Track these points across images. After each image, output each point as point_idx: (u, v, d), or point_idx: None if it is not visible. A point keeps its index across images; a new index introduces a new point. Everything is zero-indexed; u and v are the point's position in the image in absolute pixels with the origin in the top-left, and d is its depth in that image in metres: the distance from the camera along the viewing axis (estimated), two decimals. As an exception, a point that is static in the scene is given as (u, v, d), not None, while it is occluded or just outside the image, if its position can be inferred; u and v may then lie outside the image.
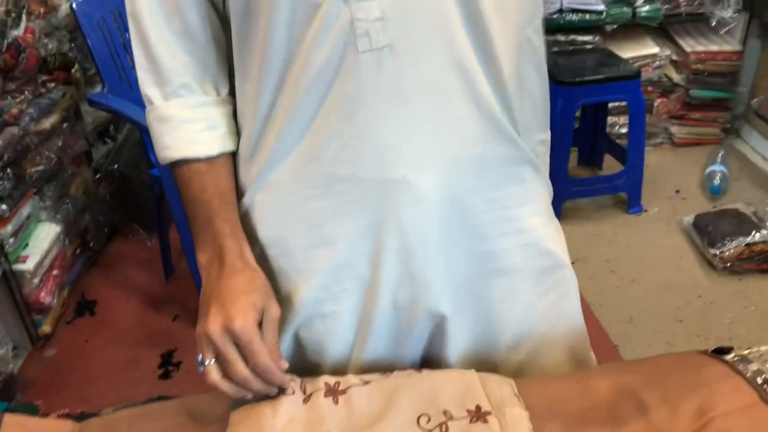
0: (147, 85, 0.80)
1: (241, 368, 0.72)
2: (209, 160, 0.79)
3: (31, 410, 1.75)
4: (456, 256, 0.82)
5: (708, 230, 2.31)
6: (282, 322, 0.85)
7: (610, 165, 2.78)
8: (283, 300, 0.84)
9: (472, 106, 0.75)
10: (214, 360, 0.73)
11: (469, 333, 0.86)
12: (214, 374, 0.73)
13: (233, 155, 0.82)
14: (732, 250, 2.22)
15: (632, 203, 2.59)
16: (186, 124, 0.79)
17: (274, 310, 0.76)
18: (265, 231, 0.82)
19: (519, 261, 0.84)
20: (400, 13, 0.69)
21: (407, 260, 0.80)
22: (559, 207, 2.51)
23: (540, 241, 0.85)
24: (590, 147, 2.84)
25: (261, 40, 0.72)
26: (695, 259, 2.34)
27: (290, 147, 0.77)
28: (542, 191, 0.86)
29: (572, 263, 0.90)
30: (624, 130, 2.88)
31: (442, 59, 0.71)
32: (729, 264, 2.23)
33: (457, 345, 0.86)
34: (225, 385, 0.73)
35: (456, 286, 0.83)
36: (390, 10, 0.68)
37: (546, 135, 0.88)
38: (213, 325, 0.72)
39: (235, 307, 0.73)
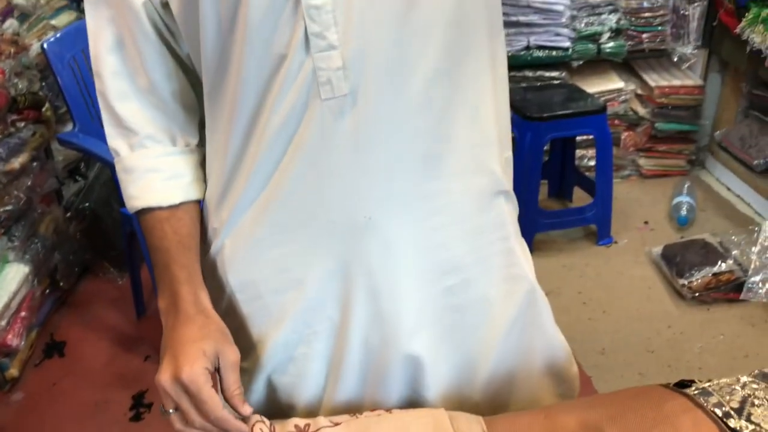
0: (113, 138, 0.81)
1: (195, 418, 0.73)
2: (171, 207, 0.80)
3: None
4: (427, 293, 0.82)
5: (676, 261, 2.35)
6: (254, 368, 0.85)
7: (580, 197, 2.83)
8: (255, 345, 0.84)
9: (437, 143, 0.76)
10: (174, 409, 0.73)
11: (447, 368, 0.87)
12: (178, 423, 0.74)
13: (198, 203, 0.83)
14: (700, 280, 2.26)
15: (602, 235, 2.63)
16: (150, 174, 0.80)
17: (231, 355, 0.76)
18: (234, 276, 0.83)
19: (492, 287, 0.85)
20: (361, 62, 0.70)
21: (377, 301, 0.80)
22: (530, 239, 2.54)
23: (510, 265, 0.86)
24: (560, 179, 2.89)
25: (231, 91, 0.74)
26: (664, 290, 2.37)
27: (257, 192, 0.78)
28: (512, 215, 0.88)
29: (545, 295, 0.92)
30: (592, 163, 2.93)
31: (406, 104, 0.73)
32: (697, 294, 2.27)
33: (436, 383, 0.86)
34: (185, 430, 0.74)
35: (430, 323, 0.83)
36: (351, 59, 0.70)
37: (510, 153, 0.88)
38: (164, 375, 0.73)
39: (184, 356, 0.73)
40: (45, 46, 1.93)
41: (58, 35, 2.03)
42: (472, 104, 0.77)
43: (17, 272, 2.05)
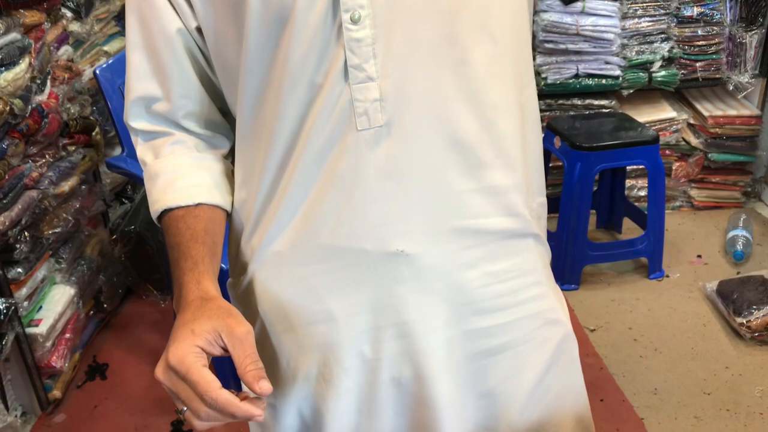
0: (141, 148, 0.84)
1: (198, 407, 0.65)
2: (188, 207, 0.79)
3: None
4: (456, 332, 0.80)
5: (733, 298, 2.25)
6: (282, 403, 0.84)
7: (629, 228, 2.75)
8: (283, 378, 0.84)
9: (469, 182, 0.75)
10: (185, 407, 0.67)
11: (471, 414, 0.84)
12: (194, 420, 0.67)
13: (220, 209, 0.82)
14: (759, 319, 2.16)
15: (653, 268, 2.54)
16: (173, 177, 0.80)
17: (237, 327, 0.68)
18: (265, 307, 0.82)
19: (522, 334, 0.83)
20: (398, 94, 0.71)
21: (407, 336, 0.79)
22: (579, 272, 2.47)
23: (543, 312, 0.84)
24: (609, 210, 2.81)
25: (268, 120, 0.74)
26: (720, 328, 2.27)
27: (288, 221, 0.77)
28: (543, 259, 0.85)
29: (593, 330, 0.89)
30: (643, 193, 2.85)
31: (439, 137, 0.73)
32: (757, 333, 2.16)
33: (457, 425, 0.83)
34: (203, 427, 0.67)
35: (455, 366, 0.82)
36: (388, 91, 0.70)
37: (543, 198, 0.87)
38: (158, 368, 0.67)
39: (172, 341, 0.67)
40: (97, 72, 1.96)
41: (109, 62, 2.07)
42: (500, 147, 0.76)
43: (63, 294, 2.07)
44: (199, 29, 0.77)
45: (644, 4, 2.67)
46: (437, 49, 0.70)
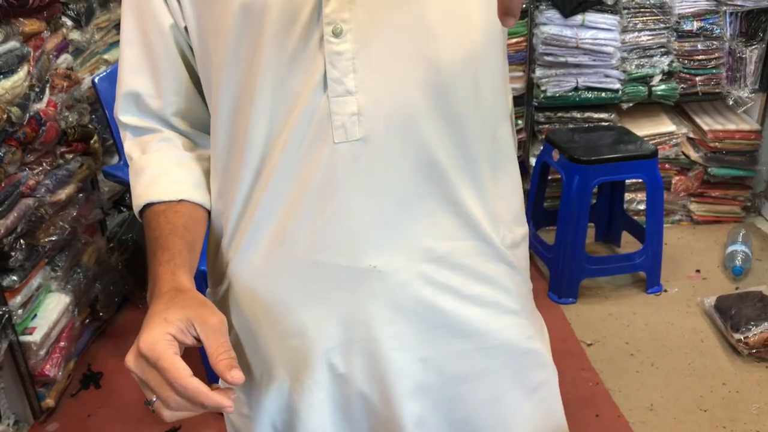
0: (128, 143, 0.84)
1: (168, 395, 0.63)
2: (170, 202, 0.79)
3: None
4: (432, 353, 0.81)
5: (731, 313, 2.24)
6: (256, 414, 0.85)
7: (628, 242, 2.74)
8: (256, 390, 0.84)
9: (442, 203, 0.76)
10: (154, 396, 0.65)
11: None
12: (163, 411, 0.65)
13: (202, 208, 0.82)
14: (757, 336, 2.14)
15: (651, 283, 2.53)
16: (157, 173, 0.80)
17: (211, 318, 0.67)
18: (240, 318, 0.82)
19: (499, 362, 0.83)
20: (376, 110, 0.71)
21: (375, 355, 0.79)
22: (576, 285, 2.46)
23: (520, 341, 0.84)
24: (607, 224, 2.80)
25: (244, 134, 0.74)
26: (718, 344, 2.26)
27: (263, 232, 0.77)
28: (519, 288, 0.85)
29: (589, 344, 0.89)
30: (641, 207, 2.85)
31: (415, 156, 0.73)
32: (755, 350, 2.15)
33: None
34: (173, 417, 0.66)
35: (429, 387, 0.82)
36: (367, 106, 0.70)
37: (524, 229, 0.88)
38: (128, 356, 0.66)
39: (143, 330, 0.66)
40: (96, 80, 1.97)
41: (108, 70, 2.08)
42: (471, 174, 0.77)
43: (59, 302, 2.07)
44: (187, 30, 0.77)
45: (644, 18, 2.67)
46: (416, 70, 0.71)
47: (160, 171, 0.80)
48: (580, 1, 2.58)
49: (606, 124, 2.79)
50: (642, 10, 2.67)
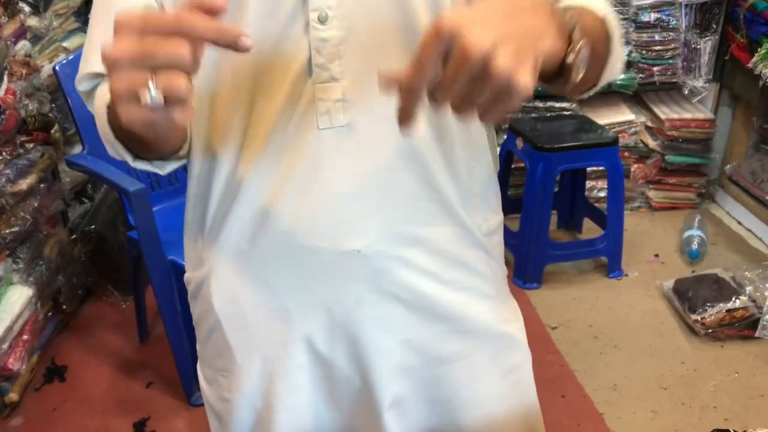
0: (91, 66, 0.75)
1: (178, 50, 0.50)
2: None
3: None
4: (414, 335, 0.82)
5: (688, 296, 2.32)
6: (238, 398, 0.85)
7: (589, 228, 2.80)
8: (239, 374, 0.84)
9: (425, 189, 0.77)
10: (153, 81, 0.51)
11: (424, 418, 0.86)
12: (175, 79, 0.50)
13: None
14: (713, 316, 2.23)
15: (612, 267, 2.60)
16: None
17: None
18: (221, 302, 0.82)
19: (474, 345, 0.85)
20: (361, 96, 0.72)
21: (360, 337, 0.80)
22: (540, 271, 2.51)
23: (495, 324, 0.86)
24: (569, 210, 2.86)
25: (223, 114, 0.74)
26: (677, 325, 2.33)
27: (247, 216, 0.77)
28: (495, 274, 0.88)
29: (554, 328, 0.92)
30: (602, 194, 2.91)
31: (398, 143, 0.74)
32: (711, 330, 2.23)
33: (409, 426, 0.86)
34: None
35: (410, 369, 0.84)
36: (351, 92, 0.71)
37: (500, 217, 0.90)
38: (110, 46, 0.50)
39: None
40: (57, 68, 1.92)
41: (70, 57, 2.03)
42: (450, 161, 0.78)
43: (21, 295, 2.02)
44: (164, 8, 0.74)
45: (604, 9, 2.73)
46: (401, 58, 0.71)
47: None
48: (542, -8, 2.62)
49: (568, 113, 2.84)
50: (602, 1, 2.73)
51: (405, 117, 0.53)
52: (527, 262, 2.50)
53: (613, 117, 2.90)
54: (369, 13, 0.70)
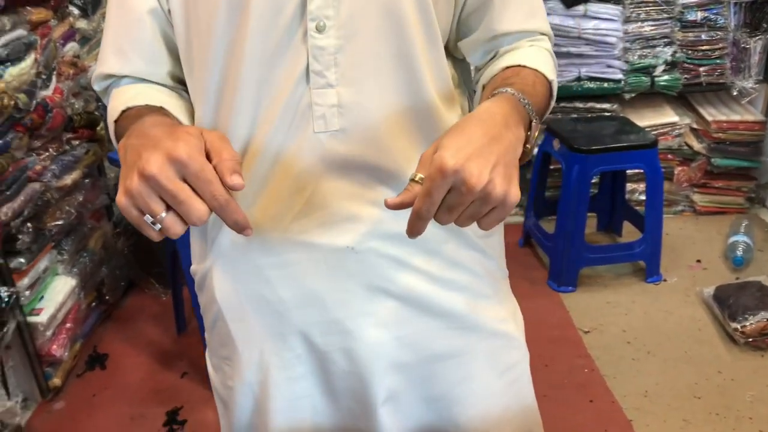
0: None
1: (198, 207, 0.60)
2: (149, 105, 0.77)
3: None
4: (408, 330, 0.84)
5: (729, 303, 2.25)
6: (240, 386, 0.88)
7: (630, 232, 2.75)
8: (240, 363, 0.87)
9: None
10: (165, 212, 0.60)
11: (420, 415, 0.88)
12: (178, 226, 0.61)
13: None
14: (754, 325, 2.15)
15: (651, 272, 2.54)
16: (137, 92, 0.79)
17: (216, 132, 0.65)
18: (222, 294, 0.85)
19: (470, 343, 0.86)
20: (355, 103, 0.74)
21: (355, 332, 0.82)
22: (575, 274, 2.48)
23: (491, 323, 0.87)
24: (609, 213, 2.81)
25: (225, 117, 0.77)
26: (715, 333, 2.27)
27: (245, 214, 0.78)
28: (492, 274, 0.89)
29: (587, 332, 0.91)
30: (644, 197, 2.85)
31: (389, 149, 0.76)
32: (751, 339, 2.16)
33: (404, 423, 0.87)
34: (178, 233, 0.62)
35: (404, 365, 0.85)
36: (346, 98, 0.74)
37: None
38: (153, 162, 0.59)
39: (172, 138, 0.60)
40: (101, 68, 2.00)
41: (114, 58, 2.11)
42: None
43: (65, 284, 2.12)
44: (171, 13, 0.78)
45: (647, 9, 2.68)
46: (394, 69, 0.74)
47: (141, 90, 0.79)
48: (582, -9, 2.59)
49: (608, 114, 2.80)
50: (645, 0, 2.67)
51: (415, 233, 0.64)
52: (562, 265, 2.47)
53: (655, 119, 2.83)
54: (365, 24, 0.73)
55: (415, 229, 0.64)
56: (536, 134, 0.70)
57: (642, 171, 2.75)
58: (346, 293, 0.81)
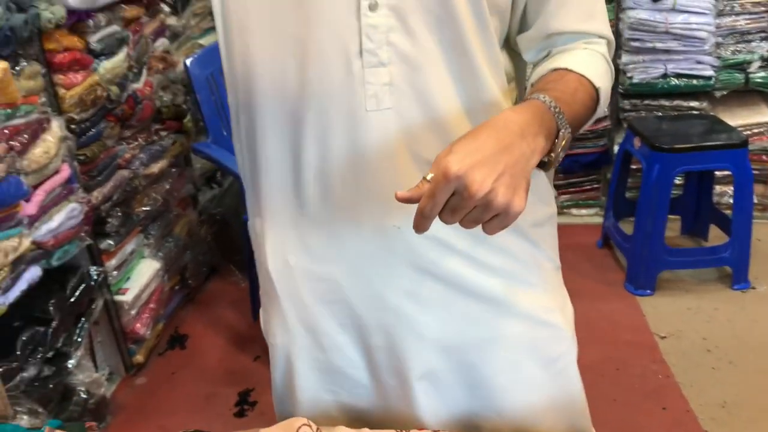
0: None
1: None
2: None
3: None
4: (449, 315, 0.84)
5: (822, 314, 2.11)
6: (279, 342, 0.90)
7: (717, 236, 2.62)
8: (283, 323, 0.89)
9: None
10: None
11: (461, 400, 0.88)
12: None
13: None
14: None
15: (738, 278, 2.41)
16: None
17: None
18: (271, 263, 0.87)
19: (516, 330, 0.86)
20: (406, 82, 0.75)
21: (397, 309, 0.84)
22: (653, 277, 2.39)
23: (537, 313, 0.86)
24: (694, 216, 2.69)
25: (276, 90, 0.78)
26: (806, 345, 2.13)
27: (292, 186, 0.82)
28: (541, 265, 0.88)
29: (663, 337, 0.89)
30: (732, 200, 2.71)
31: (440, 125, 0.77)
32: (844, 353, 2.01)
33: (442, 404, 0.88)
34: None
35: (448, 348, 0.86)
36: (398, 77, 0.75)
37: (550, 209, 0.90)
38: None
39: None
40: (187, 63, 2.11)
41: (198, 53, 2.22)
42: None
43: (150, 267, 2.24)
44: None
45: (742, 1, 2.54)
46: (444, 51, 0.75)
47: None
48: (671, -16, 2.49)
49: (696, 112, 2.67)
50: (740, -8, 2.54)
51: (419, 230, 0.66)
52: (639, 268, 2.39)
53: (749, 118, 2.68)
54: (415, 5, 0.74)
55: (418, 225, 0.65)
56: (564, 144, 0.70)
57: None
58: (392, 271, 0.83)
